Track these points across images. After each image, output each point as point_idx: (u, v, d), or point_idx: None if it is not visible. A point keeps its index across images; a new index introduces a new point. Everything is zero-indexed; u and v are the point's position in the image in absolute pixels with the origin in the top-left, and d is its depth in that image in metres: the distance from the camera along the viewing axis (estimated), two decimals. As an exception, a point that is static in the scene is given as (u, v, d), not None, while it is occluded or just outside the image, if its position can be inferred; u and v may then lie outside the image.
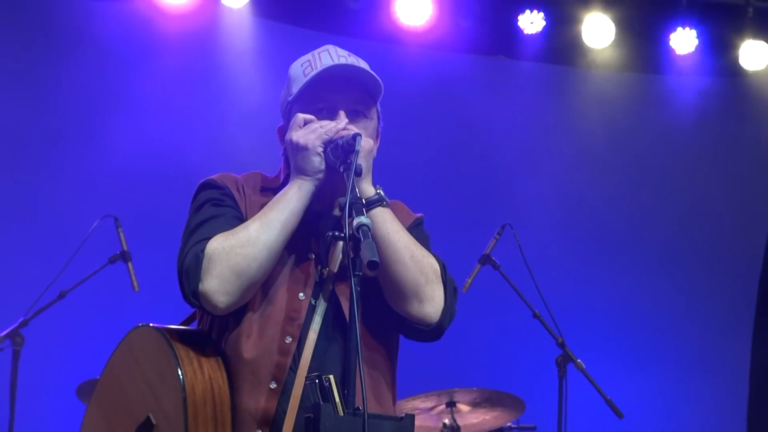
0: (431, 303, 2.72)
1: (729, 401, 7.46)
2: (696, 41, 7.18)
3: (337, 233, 2.52)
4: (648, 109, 7.65)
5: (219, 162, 5.06)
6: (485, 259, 5.52)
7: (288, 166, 2.84)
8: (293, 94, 2.82)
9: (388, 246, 2.66)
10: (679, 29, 7.17)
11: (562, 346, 5.26)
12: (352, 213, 2.48)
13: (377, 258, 2.40)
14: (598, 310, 7.31)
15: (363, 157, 2.65)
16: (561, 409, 5.21)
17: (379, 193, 2.72)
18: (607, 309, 7.36)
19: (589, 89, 7.58)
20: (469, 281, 5.50)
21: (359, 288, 2.43)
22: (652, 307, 7.46)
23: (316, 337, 2.68)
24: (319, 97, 2.80)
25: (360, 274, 2.44)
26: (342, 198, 2.52)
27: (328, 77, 2.79)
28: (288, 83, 2.87)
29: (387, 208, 2.72)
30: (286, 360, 2.66)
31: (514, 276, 5.43)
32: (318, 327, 2.69)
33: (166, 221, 4.57)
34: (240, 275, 2.63)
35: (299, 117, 2.75)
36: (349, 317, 2.45)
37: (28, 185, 6.51)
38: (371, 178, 2.76)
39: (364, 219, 2.47)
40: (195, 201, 2.84)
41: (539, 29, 7.10)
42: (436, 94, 7.21)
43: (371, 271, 2.43)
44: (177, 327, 2.79)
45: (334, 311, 2.73)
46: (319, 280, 2.75)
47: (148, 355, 2.73)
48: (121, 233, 5.51)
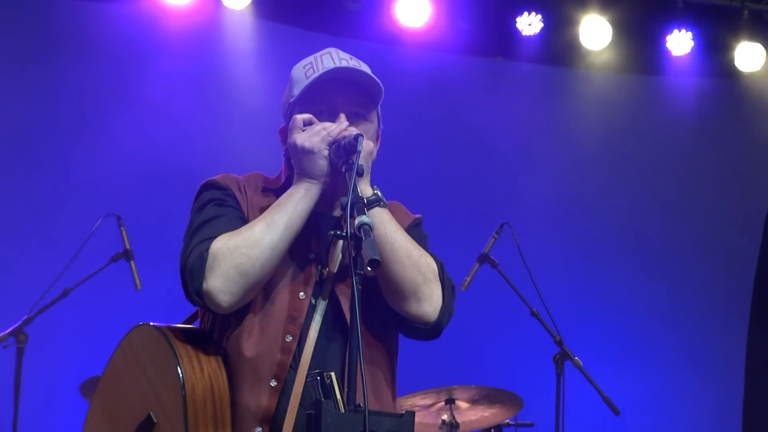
0: (429, 302, 2.72)
1: (725, 397, 7.47)
2: (692, 43, 7.19)
3: (339, 232, 2.52)
4: (645, 110, 7.65)
5: (221, 162, 5.05)
6: (484, 258, 5.52)
7: (289, 167, 2.83)
8: (295, 95, 2.81)
9: (386, 246, 2.66)
10: (676, 31, 7.18)
11: (559, 344, 5.26)
12: (353, 212, 2.48)
13: (378, 256, 2.40)
14: (595, 308, 7.32)
15: (363, 158, 2.64)
16: (558, 406, 5.21)
17: (377, 194, 2.72)
18: (605, 307, 7.37)
19: (587, 90, 7.58)
20: (468, 280, 5.51)
21: (360, 286, 2.43)
22: (648, 306, 7.47)
23: (316, 336, 2.68)
24: (321, 99, 2.79)
25: (361, 272, 2.44)
26: (344, 198, 2.52)
27: (329, 80, 2.77)
28: (290, 85, 2.86)
29: (385, 208, 2.72)
30: (286, 358, 2.65)
31: (512, 274, 5.43)
32: (318, 326, 2.69)
33: (168, 220, 4.58)
34: (244, 275, 2.62)
35: (298, 119, 2.74)
36: (350, 315, 2.44)
37: (32, 184, 6.52)
38: (369, 179, 2.75)
39: (365, 218, 2.46)
40: (197, 201, 2.83)
41: (537, 31, 7.11)
42: (435, 94, 7.21)
43: (372, 270, 2.42)
44: (177, 326, 2.79)
45: (334, 310, 2.72)
46: (320, 279, 2.74)
47: (148, 354, 2.72)
48: (124, 232, 5.52)
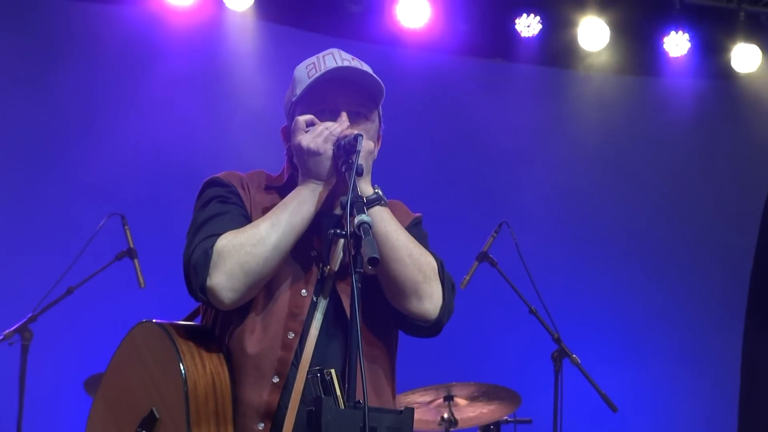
0: (430, 300, 2.72)
1: (721, 394, 7.47)
2: (689, 44, 7.19)
3: (339, 231, 2.52)
4: (642, 110, 7.65)
5: (223, 161, 5.04)
6: (483, 257, 5.52)
7: (291, 165, 2.82)
8: (297, 95, 2.80)
9: (387, 244, 2.65)
10: (673, 32, 7.17)
11: (557, 341, 5.26)
12: (353, 211, 2.48)
13: (378, 255, 2.39)
14: (593, 306, 7.32)
15: (363, 158, 2.64)
16: (556, 403, 5.20)
17: (378, 193, 2.71)
18: (602, 305, 7.37)
19: (585, 91, 7.58)
20: (467, 278, 5.51)
21: (360, 284, 2.43)
22: (645, 304, 7.46)
23: (317, 333, 2.67)
24: (322, 99, 2.78)
25: (361, 271, 2.44)
26: (344, 197, 2.51)
27: (331, 79, 2.77)
28: (292, 85, 2.85)
29: (385, 207, 2.71)
30: (288, 355, 2.65)
31: (510, 273, 5.42)
32: (319, 323, 2.68)
33: (171, 219, 4.57)
34: (248, 273, 2.62)
35: (300, 120, 2.72)
36: (350, 313, 2.44)
37: (37, 184, 6.52)
38: (370, 178, 2.74)
39: (365, 217, 2.46)
40: (201, 198, 2.83)
41: (536, 32, 7.11)
42: (434, 95, 7.21)
43: (372, 268, 2.42)
44: (180, 323, 2.78)
45: (334, 308, 2.71)
46: (321, 277, 2.74)
47: (151, 351, 2.72)
48: (128, 231, 5.51)
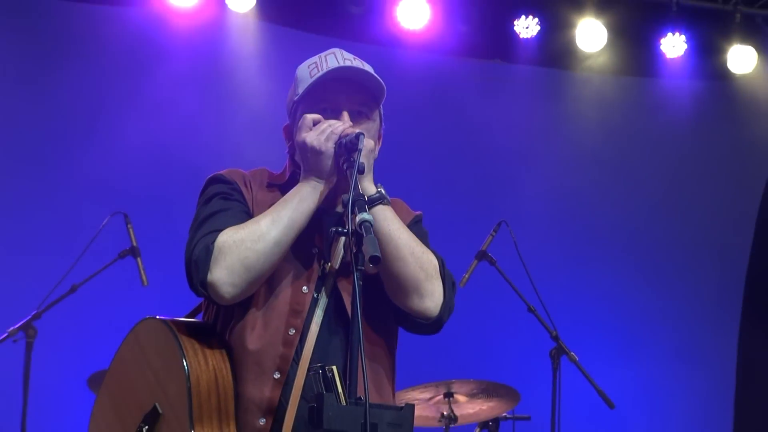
0: (431, 298, 2.71)
1: (717, 391, 7.47)
2: (685, 45, 7.18)
3: (340, 229, 2.52)
4: (639, 111, 7.64)
5: (226, 161, 5.01)
6: (482, 255, 5.51)
7: (293, 163, 2.83)
8: (299, 94, 2.80)
9: (389, 242, 2.65)
10: (669, 34, 7.16)
11: (555, 339, 5.25)
12: (354, 209, 2.47)
13: (379, 253, 2.39)
14: (590, 304, 7.31)
15: (365, 156, 2.63)
16: (555, 400, 5.20)
17: (380, 191, 2.70)
18: (600, 303, 7.36)
19: (582, 91, 7.57)
20: (467, 276, 5.50)
21: (361, 282, 2.42)
22: (643, 302, 7.46)
23: (318, 330, 2.67)
24: (324, 98, 2.78)
25: (362, 268, 2.43)
26: (345, 195, 2.51)
27: (333, 79, 2.76)
28: (295, 84, 2.85)
29: (388, 205, 2.71)
30: (289, 351, 2.64)
31: (509, 271, 5.42)
32: (320, 320, 2.68)
33: (174, 218, 4.56)
34: (248, 268, 2.62)
35: (308, 118, 2.72)
36: (351, 310, 2.44)
37: (42, 183, 6.52)
38: (372, 176, 2.74)
39: (366, 215, 2.45)
40: (203, 194, 2.82)
41: (534, 34, 7.10)
42: (434, 95, 7.20)
43: (373, 266, 2.41)
44: (183, 319, 2.78)
45: (335, 305, 2.71)
46: (322, 274, 2.73)
47: (154, 347, 2.71)
48: (131, 229, 5.51)
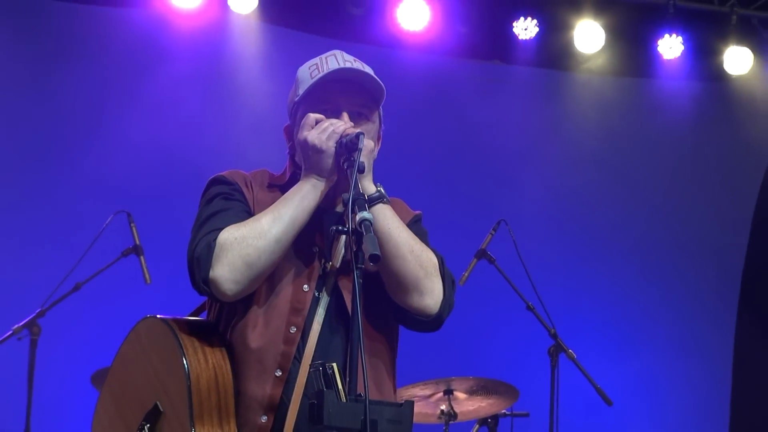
0: (431, 295, 2.71)
1: (714, 388, 7.46)
2: (682, 47, 7.17)
3: (341, 228, 2.52)
4: (636, 112, 7.64)
5: (228, 161, 5.05)
6: (481, 254, 5.51)
7: (294, 164, 2.83)
8: (300, 95, 2.80)
9: (389, 241, 2.65)
10: (666, 35, 7.16)
11: (554, 336, 5.25)
12: (354, 208, 2.47)
13: (379, 251, 2.39)
14: (588, 302, 7.31)
15: (364, 156, 2.63)
16: (553, 397, 5.20)
17: (380, 191, 2.70)
18: (598, 301, 7.36)
19: (580, 92, 7.57)
20: (466, 275, 5.49)
21: (362, 280, 2.42)
22: (641, 300, 7.46)
23: (319, 328, 2.66)
24: (324, 99, 2.77)
25: (362, 267, 2.43)
26: (345, 194, 2.52)
27: (333, 80, 2.76)
28: (295, 85, 2.85)
29: (387, 204, 2.71)
30: (290, 349, 2.64)
31: (508, 270, 5.42)
32: (321, 318, 2.67)
33: (176, 217, 4.55)
34: (250, 266, 2.61)
35: (310, 117, 2.72)
36: (352, 308, 2.44)
37: (46, 182, 6.52)
38: (372, 176, 2.74)
39: (366, 214, 2.45)
40: (205, 195, 2.82)
41: (533, 35, 7.09)
42: (434, 96, 7.20)
43: (373, 265, 2.41)
44: (183, 318, 2.77)
45: (336, 303, 2.70)
46: (323, 273, 2.72)
47: (155, 345, 2.71)
48: (134, 228, 5.51)
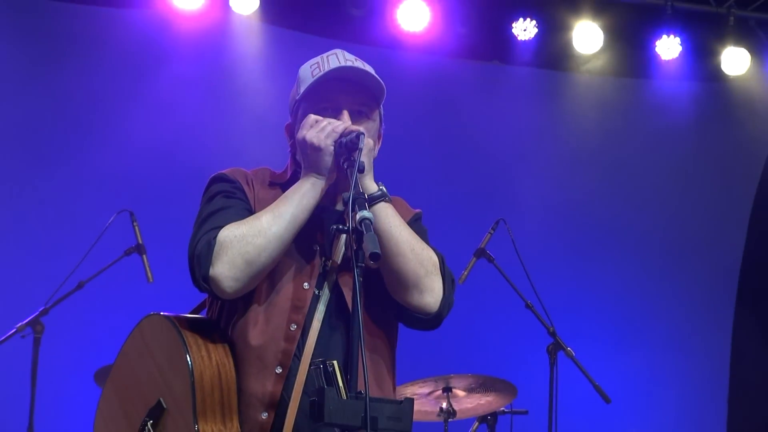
0: (431, 293, 2.71)
1: (711, 386, 7.47)
2: (680, 48, 7.18)
3: (341, 226, 2.53)
4: (634, 112, 7.64)
5: (229, 160, 5.00)
6: (480, 253, 5.50)
7: (295, 162, 2.83)
8: (301, 93, 2.80)
9: (390, 239, 2.65)
10: (664, 36, 7.16)
11: (552, 334, 5.25)
12: (355, 207, 2.47)
13: (379, 250, 2.39)
14: (587, 300, 7.31)
15: (365, 155, 2.63)
16: (552, 395, 5.19)
17: (382, 189, 2.71)
18: (596, 300, 7.36)
19: (579, 92, 7.57)
20: (465, 273, 5.49)
21: (362, 278, 2.42)
22: (639, 298, 7.46)
23: (319, 326, 2.66)
24: (325, 97, 2.77)
25: (362, 265, 2.43)
26: (346, 193, 2.52)
27: (334, 78, 2.76)
28: (297, 83, 2.85)
29: (388, 203, 2.71)
30: (291, 346, 2.64)
31: (507, 268, 5.41)
32: (321, 316, 2.67)
33: (178, 216, 4.54)
34: (250, 263, 2.61)
35: (311, 117, 2.72)
36: (352, 306, 2.43)
37: (49, 182, 6.51)
38: (373, 175, 2.74)
39: (366, 213, 2.45)
40: (207, 193, 2.82)
41: (532, 36, 7.10)
42: (434, 96, 7.20)
43: (373, 263, 2.41)
44: (186, 315, 2.78)
45: (336, 301, 2.70)
46: (323, 271, 2.72)
47: (158, 342, 2.71)
48: (136, 227, 5.50)
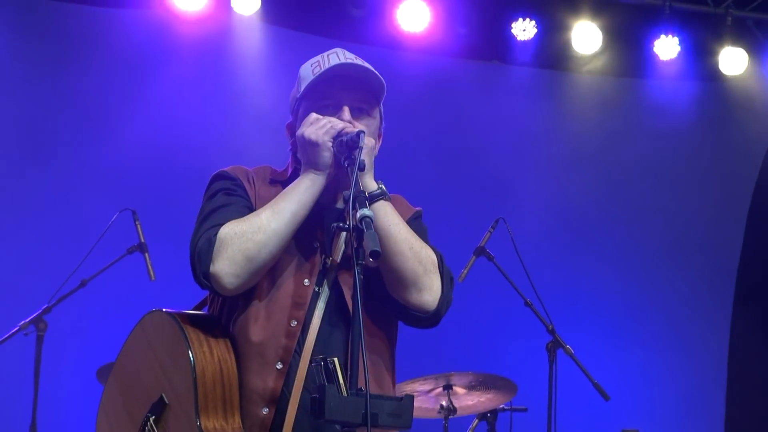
0: (429, 292, 2.71)
1: (710, 384, 7.46)
2: (678, 48, 7.17)
3: (341, 224, 2.51)
4: (633, 111, 7.64)
5: (231, 159, 4.99)
6: (480, 251, 5.50)
7: (296, 160, 2.82)
8: (301, 91, 2.80)
9: (389, 238, 2.65)
10: (663, 36, 7.15)
11: (552, 332, 5.25)
12: (355, 205, 2.47)
13: (379, 248, 2.39)
14: (586, 298, 7.30)
15: (365, 154, 2.63)
16: (551, 392, 5.19)
17: (381, 188, 2.71)
18: (595, 298, 7.35)
19: (578, 92, 7.56)
20: (465, 272, 5.49)
21: (362, 276, 2.42)
22: (637, 296, 7.45)
23: (319, 323, 2.66)
24: (325, 94, 2.78)
25: (363, 263, 2.43)
26: (346, 191, 2.52)
27: (335, 75, 2.76)
28: (297, 82, 2.85)
29: (388, 202, 2.71)
30: (291, 343, 2.64)
31: (507, 267, 5.41)
32: (321, 313, 2.68)
33: (180, 215, 4.55)
34: (250, 259, 2.62)
35: (312, 115, 2.72)
36: (352, 303, 2.43)
37: (52, 181, 6.52)
38: (373, 173, 2.74)
39: (366, 211, 2.46)
40: (208, 190, 2.83)
41: (531, 36, 7.09)
42: (434, 95, 7.20)
43: (373, 261, 2.41)
44: (188, 312, 2.78)
45: (336, 298, 2.71)
46: (323, 268, 2.72)
47: (161, 338, 2.71)
48: (139, 226, 5.50)
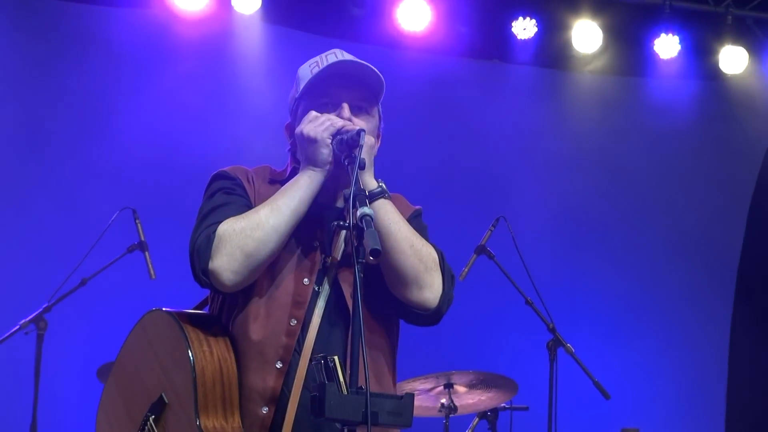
0: (430, 290, 2.70)
1: (710, 382, 7.46)
2: (678, 46, 7.16)
3: (342, 223, 2.52)
4: (633, 110, 7.63)
5: (231, 159, 4.98)
6: (481, 250, 5.50)
7: (294, 160, 2.82)
8: (300, 91, 2.80)
9: (389, 236, 2.64)
10: (663, 35, 7.14)
11: (552, 331, 5.24)
12: (355, 204, 2.47)
13: (379, 246, 2.39)
14: (586, 297, 7.30)
15: (365, 152, 2.63)
16: (552, 391, 5.19)
17: (382, 186, 2.70)
18: (595, 296, 7.35)
19: (578, 91, 7.56)
20: (466, 270, 5.48)
21: (362, 274, 2.41)
22: (638, 295, 7.45)
23: (319, 321, 2.66)
24: (324, 93, 2.77)
25: (363, 261, 2.42)
26: (346, 190, 2.51)
27: (333, 74, 2.76)
28: (296, 83, 2.85)
29: (388, 200, 2.70)
30: (291, 341, 2.63)
31: (507, 265, 5.41)
32: (321, 311, 2.67)
33: (181, 213, 4.53)
34: (248, 256, 2.61)
35: (312, 113, 2.72)
36: (353, 302, 2.43)
37: (53, 180, 6.52)
38: (373, 172, 2.74)
39: (367, 209, 2.45)
40: (208, 190, 2.83)
41: (532, 35, 7.08)
42: (434, 94, 7.20)
43: (373, 259, 2.40)
44: (188, 311, 2.78)
45: (336, 297, 2.70)
46: (323, 267, 2.72)
47: (160, 337, 2.71)
48: (139, 225, 5.50)
